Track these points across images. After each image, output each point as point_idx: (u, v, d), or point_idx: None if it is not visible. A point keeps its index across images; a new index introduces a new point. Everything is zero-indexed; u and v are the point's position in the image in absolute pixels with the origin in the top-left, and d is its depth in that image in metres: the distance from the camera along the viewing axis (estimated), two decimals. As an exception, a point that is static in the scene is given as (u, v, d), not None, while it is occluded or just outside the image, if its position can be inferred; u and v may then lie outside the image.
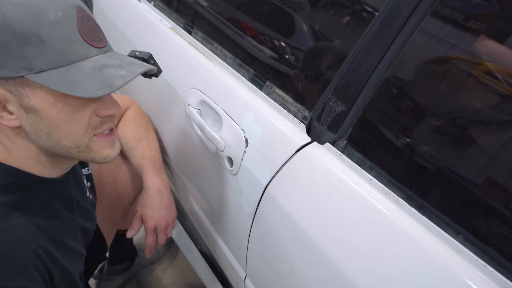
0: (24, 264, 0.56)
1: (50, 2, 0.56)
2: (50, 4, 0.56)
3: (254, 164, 0.74)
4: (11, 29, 0.53)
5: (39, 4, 0.55)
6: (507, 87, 0.49)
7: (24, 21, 0.54)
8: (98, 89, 0.57)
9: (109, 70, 0.59)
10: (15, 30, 0.53)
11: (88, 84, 0.57)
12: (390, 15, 0.57)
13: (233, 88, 0.81)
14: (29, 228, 0.61)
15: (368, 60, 0.59)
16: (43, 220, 0.65)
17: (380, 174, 0.57)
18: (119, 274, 1.42)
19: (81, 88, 0.56)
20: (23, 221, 0.61)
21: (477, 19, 0.53)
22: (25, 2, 0.54)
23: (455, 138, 0.53)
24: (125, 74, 0.60)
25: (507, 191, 0.48)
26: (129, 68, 0.61)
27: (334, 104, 0.64)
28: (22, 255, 0.57)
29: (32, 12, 0.54)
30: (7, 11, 0.53)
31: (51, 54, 0.55)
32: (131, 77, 0.60)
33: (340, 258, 0.58)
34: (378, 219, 0.55)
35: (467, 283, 0.46)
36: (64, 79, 0.56)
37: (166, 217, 0.97)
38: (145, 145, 1.03)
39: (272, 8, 0.83)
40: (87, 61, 0.58)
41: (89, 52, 0.59)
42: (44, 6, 0.55)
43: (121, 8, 1.25)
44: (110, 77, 0.59)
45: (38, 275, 0.58)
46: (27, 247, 0.59)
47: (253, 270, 0.86)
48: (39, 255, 0.60)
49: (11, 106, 0.57)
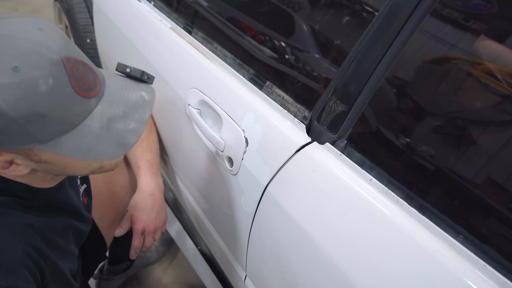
0: (14, 263, 0.56)
1: (35, 69, 0.50)
2: (36, 73, 0.50)
3: (254, 164, 0.74)
4: (8, 117, 0.49)
5: (26, 78, 0.49)
6: (507, 87, 0.48)
7: (18, 106, 0.49)
8: (115, 151, 0.58)
9: (117, 125, 0.58)
10: (13, 117, 0.49)
11: (103, 146, 0.57)
12: (390, 15, 0.57)
13: (233, 88, 0.81)
14: (20, 227, 0.61)
15: (368, 60, 0.59)
16: (33, 218, 0.64)
17: (380, 174, 0.57)
18: (119, 274, 1.42)
19: (97, 152, 0.57)
20: (13, 219, 0.61)
21: (477, 19, 0.53)
22: (10, 80, 0.48)
23: (455, 138, 0.53)
24: (135, 126, 0.60)
25: (507, 191, 0.48)
26: (136, 115, 0.60)
27: (334, 104, 0.64)
28: (12, 255, 0.57)
29: (23, 92, 0.49)
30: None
31: (54, 125, 0.53)
32: (142, 129, 0.60)
33: (340, 258, 0.58)
34: (378, 219, 0.55)
35: (467, 283, 0.46)
36: (76, 145, 0.55)
37: (155, 221, 0.97)
38: (145, 147, 1.04)
39: (272, 8, 0.83)
40: (92, 119, 0.57)
41: (90, 107, 0.57)
42: (31, 78, 0.49)
43: (121, 8, 1.25)
44: (122, 134, 0.58)
45: (29, 274, 0.58)
46: (18, 246, 0.58)
47: (253, 270, 0.86)
48: (30, 254, 0.60)
49: (19, 160, 0.56)
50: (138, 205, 0.96)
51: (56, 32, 0.55)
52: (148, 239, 0.98)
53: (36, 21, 0.54)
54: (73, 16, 1.81)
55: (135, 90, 0.63)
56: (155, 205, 0.97)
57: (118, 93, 0.61)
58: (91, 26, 1.75)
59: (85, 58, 0.59)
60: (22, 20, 0.53)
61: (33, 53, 0.50)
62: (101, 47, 1.57)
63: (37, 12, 3.35)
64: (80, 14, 1.80)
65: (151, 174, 0.99)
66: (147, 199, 0.96)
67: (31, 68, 0.49)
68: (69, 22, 1.88)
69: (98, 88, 0.58)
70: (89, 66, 0.58)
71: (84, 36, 1.79)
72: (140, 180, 0.98)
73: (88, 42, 1.79)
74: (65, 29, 2.16)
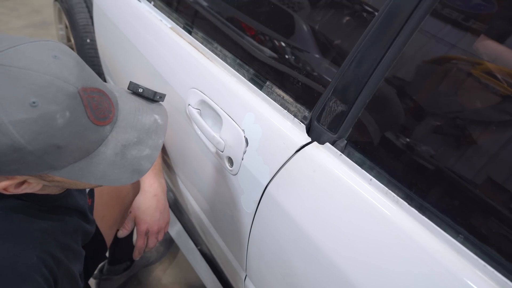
0: (28, 270, 0.56)
1: (53, 104, 0.49)
2: (54, 108, 0.49)
3: (254, 164, 0.74)
4: (25, 151, 0.49)
5: (43, 113, 0.48)
6: (507, 87, 0.48)
7: (36, 140, 0.49)
8: (128, 177, 0.57)
9: (131, 151, 0.58)
10: (30, 150, 0.49)
11: (117, 173, 0.57)
12: (390, 15, 0.57)
13: (233, 88, 0.81)
14: (33, 233, 0.61)
15: (368, 60, 0.59)
16: (46, 222, 0.65)
17: (380, 174, 0.57)
18: (119, 274, 1.42)
19: (111, 178, 0.56)
20: (27, 225, 0.61)
21: (477, 19, 0.53)
22: (28, 116, 0.47)
23: (455, 138, 0.53)
24: (149, 153, 0.59)
25: (507, 191, 0.48)
26: (150, 142, 0.60)
27: (334, 104, 0.64)
28: (26, 262, 0.57)
29: (40, 127, 0.48)
30: (13, 134, 0.47)
31: (70, 153, 0.53)
32: (155, 155, 0.60)
33: (340, 258, 0.58)
34: (378, 219, 0.55)
35: (467, 283, 0.46)
36: (90, 171, 0.55)
37: (159, 221, 0.98)
38: None
39: (272, 8, 0.83)
40: (106, 145, 0.57)
41: (104, 134, 0.56)
42: (49, 113, 0.49)
43: (121, 8, 1.25)
44: (136, 161, 0.58)
45: (43, 281, 0.58)
46: (32, 253, 0.58)
47: (253, 270, 0.86)
48: (44, 260, 0.60)
49: (31, 180, 0.57)
50: (142, 206, 0.96)
51: (71, 58, 0.54)
52: (152, 240, 0.98)
53: (50, 47, 0.53)
54: (73, 16, 1.81)
55: (148, 113, 0.63)
56: (159, 205, 0.97)
57: (131, 118, 0.60)
58: (91, 26, 1.75)
59: (99, 83, 0.58)
60: (36, 48, 0.51)
61: (50, 86, 0.49)
62: (101, 47, 1.57)
63: (37, 12, 3.35)
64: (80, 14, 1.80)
65: (154, 175, 0.99)
66: (150, 200, 0.97)
67: (48, 102, 0.49)
68: (69, 22, 1.88)
69: (112, 114, 0.58)
70: (103, 92, 0.57)
71: (84, 36, 1.79)
72: (143, 181, 0.98)
73: (88, 42, 1.79)
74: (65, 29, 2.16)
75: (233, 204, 0.84)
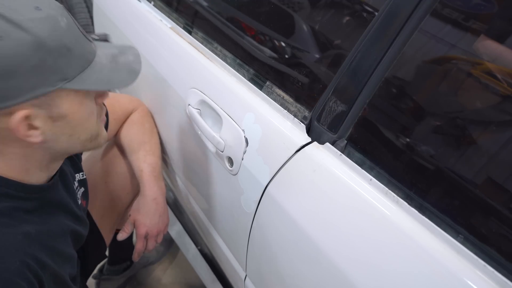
0: (11, 276, 0.56)
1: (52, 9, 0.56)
2: (54, 12, 0.56)
3: (254, 164, 0.74)
4: (46, 47, 0.54)
5: (48, 15, 0.55)
6: (507, 87, 0.48)
7: (53, 35, 0.55)
8: (128, 78, 0.65)
9: (119, 58, 0.65)
10: (50, 47, 0.54)
11: (118, 76, 0.64)
12: (390, 15, 0.57)
13: (233, 88, 0.81)
14: (16, 237, 0.60)
15: (368, 60, 0.59)
16: (31, 226, 0.63)
17: (380, 174, 0.57)
18: (119, 274, 1.42)
19: (115, 81, 0.64)
20: (10, 230, 0.60)
21: (477, 19, 0.53)
22: (39, 15, 0.54)
23: (455, 138, 0.53)
24: (134, 58, 0.68)
25: (507, 191, 0.48)
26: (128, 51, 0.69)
27: (334, 104, 0.64)
28: (9, 266, 0.56)
29: (52, 25, 0.55)
30: (36, 29, 0.53)
31: (77, 59, 0.59)
32: (139, 59, 0.69)
33: (340, 258, 0.58)
34: (378, 219, 0.55)
35: (467, 283, 0.46)
36: (97, 77, 0.61)
37: (158, 224, 0.98)
38: (148, 150, 1.04)
39: (272, 8, 0.83)
40: (100, 56, 0.63)
41: (93, 48, 0.63)
42: (52, 15, 0.56)
43: (121, 8, 1.25)
44: (128, 65, 0.67)
45: (27, 285, 0.57)
46: (15, 258, 0.58)
47: (253, 270, 0.86)
48: (28, 264, 0.59)
49: (37, 121, 0.58)
50: (141, 209, 0.97)
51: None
52: (151, 243, 0.99)
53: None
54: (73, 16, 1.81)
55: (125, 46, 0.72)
56: (158, 209, 0.98)
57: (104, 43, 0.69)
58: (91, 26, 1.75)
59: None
60: None
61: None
62: (101, 47, 1.57)
63: (37, 12, 3.34)
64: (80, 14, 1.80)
65: (154, 178, 1.00)
66: (150, 204, 0.97)
67: (48, 8, 0.56)
68: (69, 22, 1.88)
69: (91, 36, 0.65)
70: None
71: (84, 36, 1.79)
72: (143, 184, 0.98)
73: (88, 42, 1.79)
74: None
75: (233, 204, 0.84)
